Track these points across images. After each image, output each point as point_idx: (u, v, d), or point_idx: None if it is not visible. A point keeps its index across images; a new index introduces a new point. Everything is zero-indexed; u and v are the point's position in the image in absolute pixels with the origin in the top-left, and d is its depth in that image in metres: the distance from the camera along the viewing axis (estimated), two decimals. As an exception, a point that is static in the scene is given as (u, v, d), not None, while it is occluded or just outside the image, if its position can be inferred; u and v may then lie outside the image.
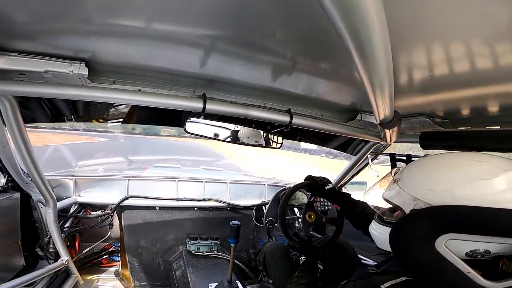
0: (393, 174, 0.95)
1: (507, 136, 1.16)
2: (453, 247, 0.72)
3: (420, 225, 0.76)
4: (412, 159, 1.55)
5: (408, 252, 0.77)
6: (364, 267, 1.16)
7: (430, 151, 1.47)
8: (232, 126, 1.66)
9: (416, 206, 0.81)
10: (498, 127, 1.18)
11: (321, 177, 1.75)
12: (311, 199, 1.80)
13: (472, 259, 0.74)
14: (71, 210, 2.21)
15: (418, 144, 1.53)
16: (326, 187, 1.67)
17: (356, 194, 2.47)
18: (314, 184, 1.70)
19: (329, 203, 2.47)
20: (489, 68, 0.82)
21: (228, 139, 1.68)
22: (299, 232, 2.29)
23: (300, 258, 1.53)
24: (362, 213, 1.48)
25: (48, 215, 1.84)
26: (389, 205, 0.97)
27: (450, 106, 1.24)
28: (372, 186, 1.05)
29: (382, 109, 0.94)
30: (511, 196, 0.72)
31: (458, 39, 0.70)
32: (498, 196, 0.73)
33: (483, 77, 0.88)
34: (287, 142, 1.96)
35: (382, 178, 1.02)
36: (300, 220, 2.45)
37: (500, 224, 0.70)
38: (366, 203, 1.52)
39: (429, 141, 1.44)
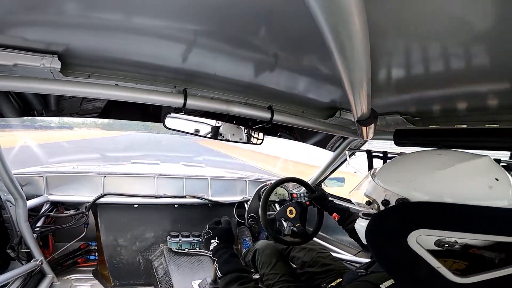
0: (371, 173, 1.01)
1: (473, 134, 1.25)
2: (423, 242, 0.74)
3: (393, 221, 0.79)
4: (388, 155, 1.62)
5: (382, 248, 0.81)
6: (352, 272, 1.21)
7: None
8: (213, 122, 1.64)
9: (387, 196, 0.87)
10: (466, 126, 1.27)
11: (315, 186, 1.80)
12: (291, 195, 1.83)
13: (441, 249, 0.76)
14: (43, 209, 2.11)
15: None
16: (327, 200, 1.78)
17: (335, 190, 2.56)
18: (316, 196, 1.79)
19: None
20: (459, 69, 0.87)
21: (209, 135, 1.66)
22: (280, 228, 2.32)
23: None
24: None
25: (18, 215, 1.76)
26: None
27: (422, 106, 1.31)
28: (356, 186, 1.11)
29: (359, 107, 0.98)
30: (466, 184, 0.77)
31: (433, 40, 0.73)
32: (453, 185, 0.77)
33: (454, 78, 0.94)
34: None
35: (363, 179, 1.08)
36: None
37: (470, 220, 0.72)
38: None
39: (402, 138, 1.51)
